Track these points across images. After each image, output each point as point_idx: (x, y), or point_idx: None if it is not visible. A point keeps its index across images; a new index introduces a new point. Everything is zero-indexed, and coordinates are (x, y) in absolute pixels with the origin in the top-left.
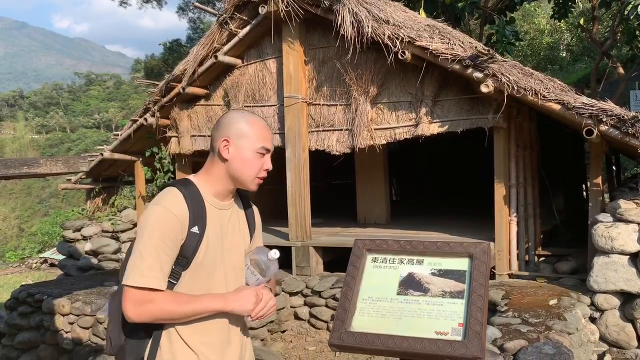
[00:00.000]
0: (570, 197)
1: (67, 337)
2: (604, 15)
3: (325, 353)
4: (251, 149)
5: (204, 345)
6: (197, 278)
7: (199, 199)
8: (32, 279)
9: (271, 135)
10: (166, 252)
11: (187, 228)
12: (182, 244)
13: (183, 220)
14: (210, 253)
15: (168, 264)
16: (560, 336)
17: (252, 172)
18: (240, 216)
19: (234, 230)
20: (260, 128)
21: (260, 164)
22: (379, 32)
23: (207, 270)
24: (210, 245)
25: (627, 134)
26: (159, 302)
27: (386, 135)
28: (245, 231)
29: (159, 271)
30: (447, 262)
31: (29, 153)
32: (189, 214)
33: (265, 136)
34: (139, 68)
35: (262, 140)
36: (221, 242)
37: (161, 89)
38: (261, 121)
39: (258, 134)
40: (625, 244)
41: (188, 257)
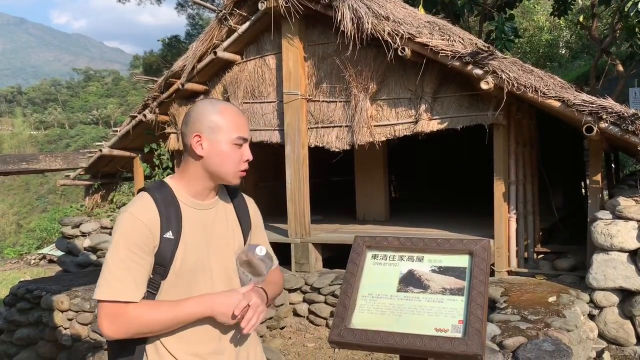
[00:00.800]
0: (570, 194)
1: (66, 334)
2: (604, 13)
3: (324, 350)
4: (227, 141)
5: (191, 356)
6: (179, 286)
7: (172, 202)
8: (31, 275)
9: (246, 122)
10: (136, 260)
11: (159, 234)
12: (156, 252)
13: (152, 226)
14: (191, 257)
15: (141, 273)
16: (559, 333)
17: (232, 166)
18: (229, 213)
19: (220, 230)
20: (233, 116)
21: (239, 155)
22: (379, 28)
23: (190, 276)
24: (189, 250)
25: (627, 132)
26: (135, 314)
27: (386, 132)
28: (236, 229)
29: (130, 282)
30: (447, 259)
31: (27, 149)
32: (160, 219)
33: (239, 124)
34: (137, 64)
35: (237, 130)
36: (205, 244)
37: (160, 85)
38: (233, 108)
39: (231, 123)
40: (625, 241)
41: (165, 265)
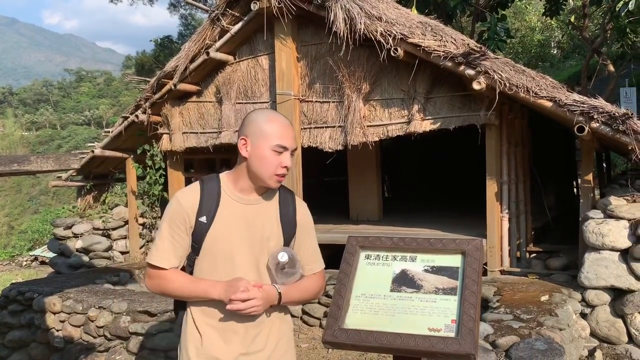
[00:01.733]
0: (562, 193)
1: (58, 336)
2: (595, 13)
3: (318, 350)
4: (267, 147)
5: (209, 327)
6: (207, 265)
7: (215, 192)
8: (23, 277)
9: (291, 134)
10: (174, 236)
11: (195, 217)
12: (192, 232)
13: (189, 209)
14: (219, 242)
15: (180, 246)
16: (551, 332)
17: (269, 170)
18: (272, 213)
19: (259, 225)
20: (278, 126)
21: (277, 161)
22: (372, 29)
23: (218, 259)
24: (219, 235)
25: (618, 131)
26: (166, 279)
27: (379, 132)
28: (274, 228)
29: (168, 252)
30: (440, 258)
31: (18, 150)
32: (199, 204)
33: (282, 134)
34: (129, 65)
35: (278, 139)
36: (238, 234)
37: (152, 86)
38: (281, 119)
39: (274, 132)
40: (616, 240)
41: (197, 244)
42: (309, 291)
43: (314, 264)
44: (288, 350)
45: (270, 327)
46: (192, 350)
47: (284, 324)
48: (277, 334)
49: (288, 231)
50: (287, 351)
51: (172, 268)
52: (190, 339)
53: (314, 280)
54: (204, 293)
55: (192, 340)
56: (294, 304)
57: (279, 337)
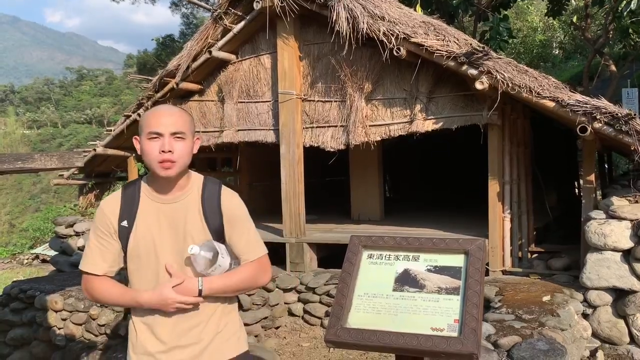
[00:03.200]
0: (563, 194)
1: (60, 334)
2: (597, 13)
3: (319, 349)
4: (144, 138)
5: (142, 324)
6: (135, 266)
7: (134, 196)
8: (24, 275)
9: (166, 120)
10: (100, 242)
11: (118, 222)
12: (118, 236)
13: (111, 215)
14: (141, 244)
15: (107, 251)
16: (553, 332)
17: (151, 159)
18: (194, 208)
19: (181, 222)
20: (150, 115)
21: (154, 148)
22: (374, 28)
23: (142, 259)
24: (141, 237)
25: (620, 132)
26: (97, 286)
27: (381, 132)
28: (197, 223)
29: (95, 258)
30: (443, 258)
31: (20, 148)
32: (120, 210)
33: (152, 122)
34: (131, 63)
35: (150, 126)
36: (159, 233)
37: (155, 84)
38: (157, 108)
39: (145, 121)
40: (618, 241)
41: (124, 248)
42: (242, 279)
43: (248, 254)
44: (232, 336)
45: (206, 319)
46: (130, 347)
47: (224, 317)
48: (216, 325)
49: (213, 224)
50: (229, 338)
51: (104, 275)
52: (130, 336)
53: (248, 268)
54: (133, 303)
55: (130, 337)
56: (225, 294)
57: (218, 330)
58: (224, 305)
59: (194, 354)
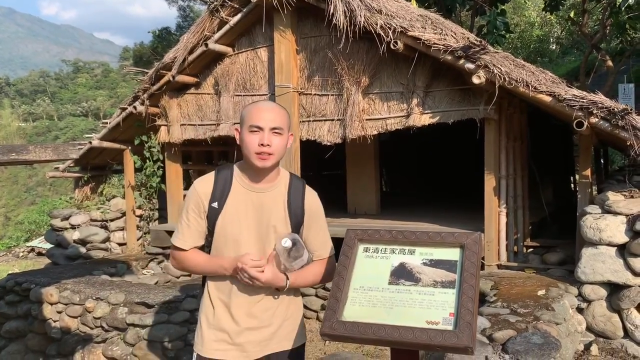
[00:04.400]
0: (559, 188)
1: (56, 326)
2: (594, 9)
3: (314, 342)
4: (245, 130)
5: (220, 301)
6: (219, 246)
7: (227, 180)
8: (20, 267)
9: (267, 114)
10: (190, 219)
11: (209, 203)
12: (206, 216)
13: (203, 195)
14: (229, 227)
15: (195, 229)
16: (548, 326)
17: (249, 150)
18: (280, 200)
19: (268, 212)
20: (253, 109)
21: (254, 140)
22: (372, 21)
23: (228, 241)
24: (228, 220)
25: (617, 127)
26: (186, 258)
27: (377, 126)
28: (281, 215)
29: (185, 235)
30: (439, 252)
31: (15, 141)
32: (212, 192)
33: (254, 115)
34: (127, 56)
35: (251, 119)
36: (245, 219)
37: (151, 77)
38: (260, 103)
39: (248, 114)
40: (613, 236)
41: (211, 227)
42: (316, 276)
43: (322, 250)
44: (293, 330)
45: (277, 304)
46: (204, 321)
47: (292, 305)
48: (284, 313)
49: (295, 218)
50: (295, 329)
51: (191, 249)
52: (204, 311)
53: (321, 265)
54: (218, 267)
55: (205, 312)
56: (301, 287)
57: (286, 317)
58: (291, 296)
59: (263, 336)
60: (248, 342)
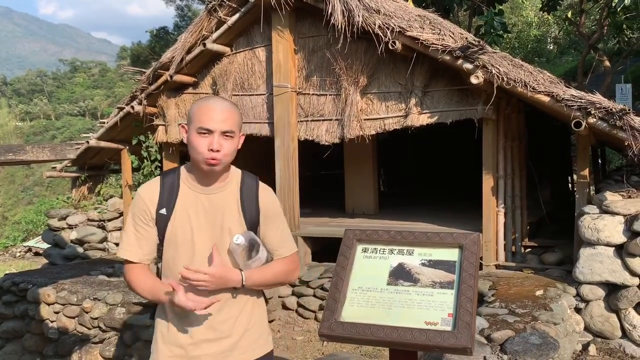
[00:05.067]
0: (557, 188)
1: (53, 327)
2: (592, 9)
3: (313, 343)
4: (193, 131)
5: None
6: (171, 254)
7: (174, 185)
8: (16, 267)
9: (218, 115)
10: (137, 229)
11: (156, 210)
12: (155, 223)
13: (149, 202)
14: (180, 232)
15: (143, 238)
16: (546, 326)
17: (198, 155)
18: (232, 200)
19: (220, 213)
20: (203, 108)
21: (203, 144)
22: (370, 21)
23: (179, 247)
24: (178, 225)
25: (615, 127)
26: (133, 274)
27: (376, 126)
28: (235, 215)
29: (132, 245)
30: (437, 252)
31: (12, 140)
32: (159, 198)
33: (204, 116)
34: (125, 55)
35: (201, 121)
36: (197, 223)
37: (148, 77)
38: (210, 102)
39: (198, 114)
40: (611, 236)
41: (161, 235)
42: (276, 275)
43: (282, 249)
44: (260, 336)
45: (237, 313)
46: (160, 336)
47: (256, 308)
48: (247, 321)
49: (250, 218)
50: (258, 338)
51: (141, 262)
52: (159, 326)
53: (282, 264)
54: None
55: (160, 328)
56: (260, 288)
57: (248, 325)
58: (254, 300)
59: (223, 348)
60: (205, 355)
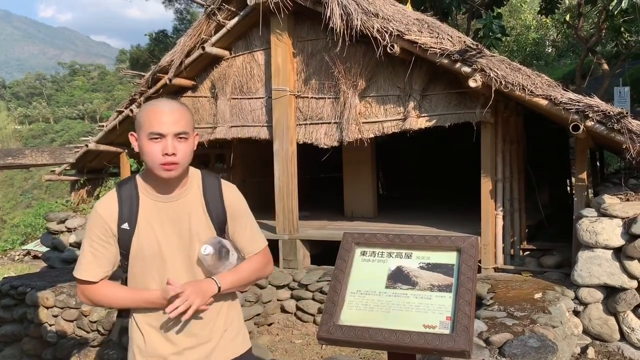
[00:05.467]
0: (555, 191)
1: (51, 330)
2: (590, 12)
3: (311, 346)
4: (144, 137)
5: (150, 327)
6: (139, 269)
7: (133, 196)
8: (15, 271)
9: (167, 118)
10: (95, 247)
11: (117, 225)
12: (117, 240)
13: (109, 219)
14: (147, 246)
15: (102, 256)
16: (544, 329)
17: (153, 160)
18: (197, 204)
19: (186, 221)
20: (151, 112)
21: (156, 150)
22: (368, 25)
23: (147, 261)
24: (144, 238)
25: (612, 130)
26: (98, 293)
27: (374, 129)
28: (202, 220)
29: (90, 264)
30: (436, 255)
31: (11, 144)
32: (118, 213)
33: (153, 121)
34: (124, 59)
35: (151, 126)
36: (164, 234)
37: (147, 80)
38: (157, 105)
39: (147, 119)
40: (609, 239)
41: (125, 251)
42: (250, 272)
43: (252, 246)
44: (237, 335)
45: (214, 317)
46: (137, 351)
47: (231, 310)
48: (224, 322)
49: (217, 219)
50: (236, 337)
51: (101, 280)
52: (135, 341)
53: (254, 260)
54: (143, 302)
55: (136, 341)
56: (237, 289)
57: (226, 325)
58: (229, 302)
59: (205, 353)
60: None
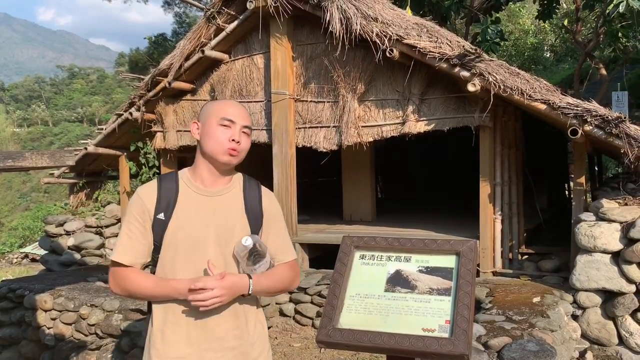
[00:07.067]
0: (554, 196)
1: (49, 333)
2: (588, 17)
3: (310, 349)
4: (214, 123)
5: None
6: (170, 258)
7: (172, 188)
8: (13, 274)
9: (239, 110)
10: (132, 230)
11: (153, 214)
12: (152, 227)
13: (148, 204)
14: (181, 235)
15: (137, 241)
16: (543, 333)
17: (219, 145)
18: (236, 203)
19: (224, 216)
20: (223, 103)
21: (225, 135)
22: (368, 29)
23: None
24: (178, 228)
25: (611, 134)
26: (128, 279)
27: (373, 133)
28: (239, 218)
29: (124, 247)
30: (435, 259)
31: (10, 147)
32: (156, 201)
33: (227, 109)
34: (123, 62)
35: (223, 112)
36: (202, 225)
37: (147, 83)
38: (228, 100)
39: (219, 107)
40: (608, 243)
41: (158, 241)
42: (281, 280)
43: (284, 254)
44: (262, 352)
45: (244, 324)
46: (153, 351)
47: (258, 320)
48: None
49: (254, 221)
50: (261, 353)
51: (132, 266)
52: (153, 339)
53: (285, 269)
54: (171, 291)
55: (154, 342)
56: (265, 294)
57: (252, 339)
58: (254, 309)
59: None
60: None
